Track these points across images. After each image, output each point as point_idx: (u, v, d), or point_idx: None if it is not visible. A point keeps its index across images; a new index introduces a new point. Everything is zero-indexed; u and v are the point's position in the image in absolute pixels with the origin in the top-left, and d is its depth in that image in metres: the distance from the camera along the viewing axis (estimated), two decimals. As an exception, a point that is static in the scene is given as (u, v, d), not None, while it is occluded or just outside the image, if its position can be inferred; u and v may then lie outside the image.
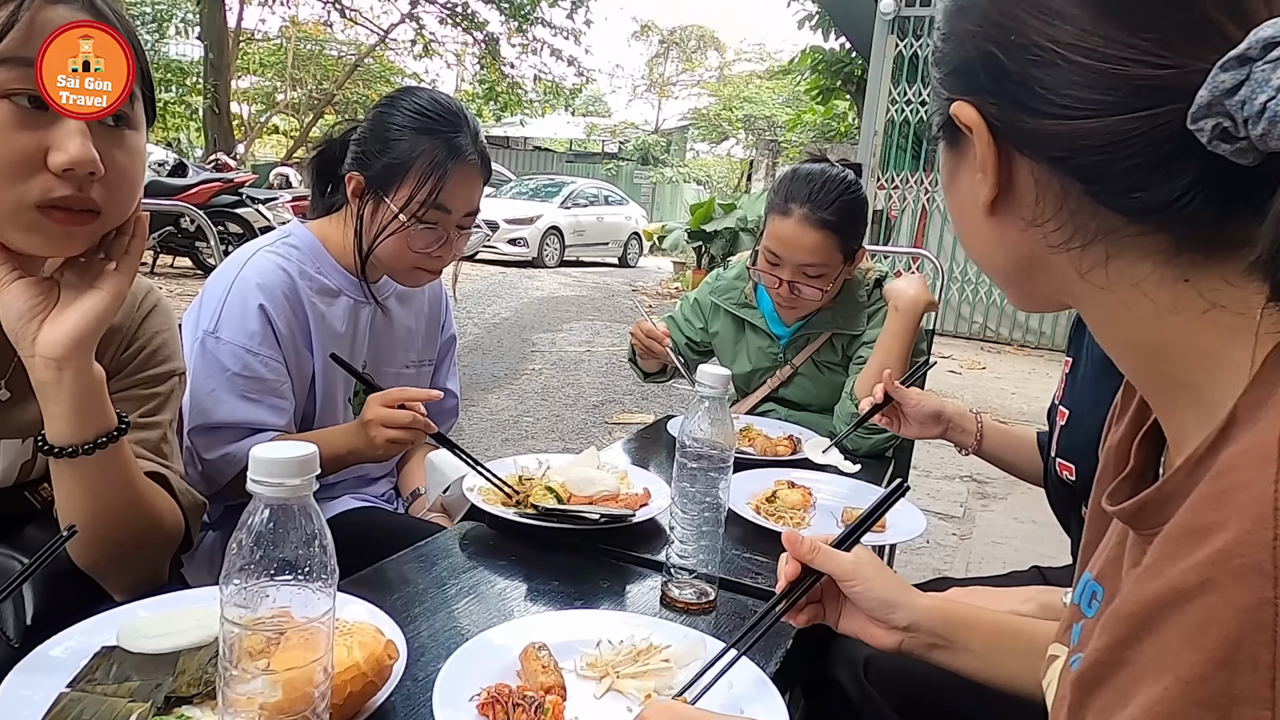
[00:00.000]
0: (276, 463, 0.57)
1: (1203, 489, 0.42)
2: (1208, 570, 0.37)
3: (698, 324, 2.07)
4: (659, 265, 14.64)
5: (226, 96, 16.07)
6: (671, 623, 0.95)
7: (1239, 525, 0.37)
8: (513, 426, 4.57)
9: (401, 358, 1.55)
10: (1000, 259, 0.58)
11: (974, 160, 0.54)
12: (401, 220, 1.32)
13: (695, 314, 2.08)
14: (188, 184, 7.89)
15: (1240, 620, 0.35)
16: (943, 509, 3.60)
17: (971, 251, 0.61)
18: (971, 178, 0.55)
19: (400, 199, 1.31)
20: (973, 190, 0.55)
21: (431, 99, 1.37)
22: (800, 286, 1.77)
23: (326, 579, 0.60)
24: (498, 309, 8.38)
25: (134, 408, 0.97)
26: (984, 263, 0.60)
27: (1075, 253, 0.52)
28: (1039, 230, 0.53)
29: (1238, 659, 0.35)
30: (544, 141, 26.52)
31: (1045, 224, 0.52)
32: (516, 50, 19.04)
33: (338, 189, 1.42)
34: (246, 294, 1.28)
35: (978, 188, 0.55)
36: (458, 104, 1.39)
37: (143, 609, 0.85)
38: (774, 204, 1.79)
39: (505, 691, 0.75)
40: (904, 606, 0.82)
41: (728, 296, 2.02)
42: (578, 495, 1.26)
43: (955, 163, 0.58)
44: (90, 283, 0.83)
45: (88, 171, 0.77)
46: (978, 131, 0.52)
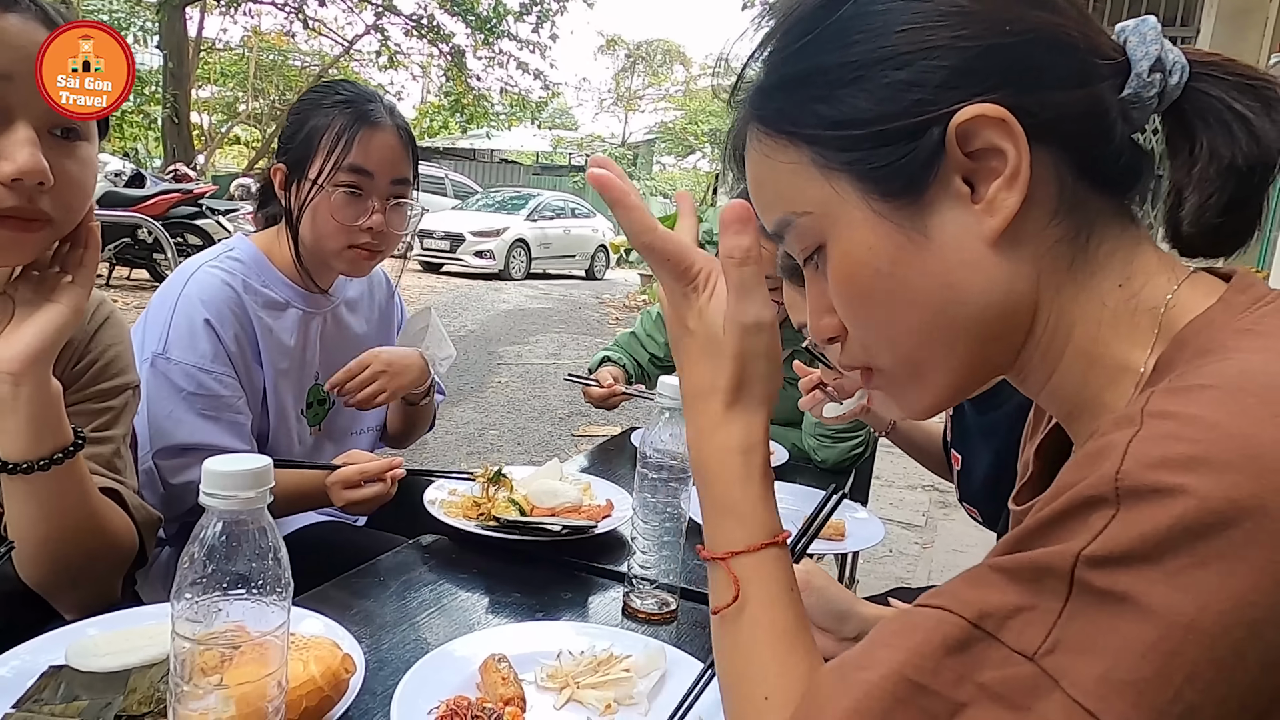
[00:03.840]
0: (230, 475, 0.57)
1: (1073, 462, 0.44)
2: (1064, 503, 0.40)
3: (660, 338, 2.06)
4: (626, 278, 14.67)
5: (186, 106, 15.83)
6: (633, 633, 0.96)
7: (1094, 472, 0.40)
8: (478, 439, 4.54)
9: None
10: (981, 307, 0.51)
11: (955, 194, 0.50)
12: (322, 187, 1.30)
13: (659, 329, 2.07)
14: (145, 195, 7.74)
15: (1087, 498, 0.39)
16: (905, 518, 3.65)
17: (932, 326, 0.52)
18: (961, 215, 0.50)
19: (316, 167, 1.31)
20: (966, 228, 0.50)
21: (345, 83, 1.40)
22: None
23: (281, 592, 0.60)
24: (463, 321, 8.33)
25: (86, 422, 0.95)
26: (951, 332, 0.52)
27: (1066, 250, 0.51)
28: (1051, 232, 0.51)
29: None
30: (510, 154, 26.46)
31: (1058, 225, 0.51)
32: (482, 63, 19.04)
33: (276, 201, 1.41)
34: (192, 312, 1.27)
35: (977, 220, 0.50)
36: (372, 90, 1.41)
37: (93, 627, 0.83)
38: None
39: (464, 704, 0.75)
40: (853, 617, 0.84)
41: None
42: (540, 507, 1.26)
43: (920, 214, 0.50)
44: (46, 296, 0.82)
45: (36, 182, 0.76)
46: (1010, 130, 0.48)
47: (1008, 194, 0.49)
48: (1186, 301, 0.50)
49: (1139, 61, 0.51)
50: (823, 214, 0.53)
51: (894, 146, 0.50)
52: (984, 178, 0.50)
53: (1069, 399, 0.54)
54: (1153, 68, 0.51)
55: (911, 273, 0.51)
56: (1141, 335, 0.50)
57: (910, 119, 0.49)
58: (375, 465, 1.27)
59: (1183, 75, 0.52)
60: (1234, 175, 0.51)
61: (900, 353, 0.55)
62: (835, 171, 0.52)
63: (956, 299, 0.51)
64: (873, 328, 0.55)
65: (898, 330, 0.54)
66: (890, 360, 0.56)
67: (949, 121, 0.48)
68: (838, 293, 0.55)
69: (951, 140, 0.49)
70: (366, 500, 1.26)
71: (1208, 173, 0.51)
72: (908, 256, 0.51)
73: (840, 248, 0.54)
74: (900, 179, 0.50)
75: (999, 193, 0.49)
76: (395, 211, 1.36)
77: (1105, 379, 0.51)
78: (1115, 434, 0.40)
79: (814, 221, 0.54)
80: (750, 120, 0.56)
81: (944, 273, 0.51)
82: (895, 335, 0.54)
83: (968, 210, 0.50)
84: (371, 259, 1.37)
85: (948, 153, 0.49)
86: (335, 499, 1.27)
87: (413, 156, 1.39)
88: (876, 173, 0.51)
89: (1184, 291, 0.50)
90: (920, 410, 0.58)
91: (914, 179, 0.50)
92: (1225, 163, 0.51)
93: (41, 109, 0.76)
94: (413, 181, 1.39)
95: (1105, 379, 0.51)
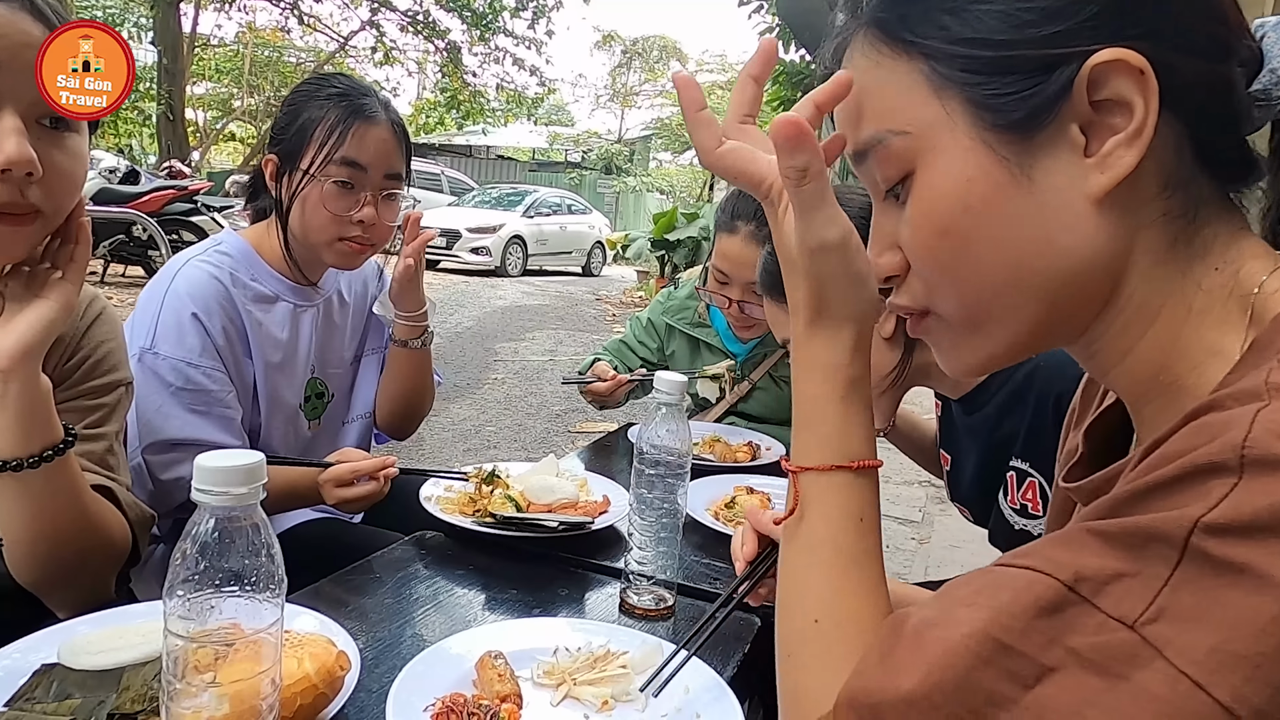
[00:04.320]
0: (222, 471, 0.56)
1: (1174, 441, 0.41)
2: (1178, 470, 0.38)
3: (652, 344, 2.05)
4: (622, 274, 14.65)
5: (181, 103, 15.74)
6: (630, 629, 0.95)
7: (1227, 434, 0.37)
8: (475, 436, 4.54)
9: (349, 355, 1.55)
10: (1066, 267, 0.49)
11: (1069, 142, 0.47)
12: (313, 177, 1.29)
13: (649, 335, 2.06)
14: (140, 191, 7.70)
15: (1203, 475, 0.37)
16: (902, 514, 3.65)
17: (1009, 277, 0.49)
18: (1071, 165, 0.47)
19: (308, 159, 1.30)
20: (1072, 180, 0.47)
21: (340, 77, 1.39)
22: (750, 306, 1.76)
23: (274, 589, 0.59)
24: (460, 318, 8.31)
25: (78, 419, 0.95)
26: (1028, 287, 0.50)
27: (1169, 229, 0.48)
28: (1158, 205, 0.48)
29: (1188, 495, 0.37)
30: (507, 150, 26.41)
31: (1167, 199, 0.48)
32: (478, 59, 18.96)
33: (266, 193, 1.40)
34: (179, 307, 1.26)
35: (1085, 174, 0.47)
36: (367, 83, 1.41)
37: (85, 624, 0.83)
38: (721, 222, 1.79)
39: (460, 701, 0.75)
40: None
41: (680, 316, 2.01)
42: (536, 503, 1.26)
43: (1030, 155, 0.48)
44: (36, 292, 0.81)
45: (25, 172, 0.75)
46: (1145, 83, 0.45)
47: (1125, 151, 0.46)
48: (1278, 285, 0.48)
49: (1275, 58, 0.48)
50: (922, 136, 0.50)
51: (1021, 76, 0.47)
52: (1101, 132, 0.47)
53: (1144, 380, 0.51)
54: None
55: (1003, 215, 0.49)
56: (1234, 320, 0.48)
57: (1045, 49, 0.46)
58: (368, 464, 1.26)
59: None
60: None
61: (966, 300, 0.52)
62: (950, 92, 0.49)
63: (1042, 253, 0.48)
64: (944, 269, 0.51)
65: (970, 274, 0.50)
66: (953, 306, 0.53)
67: (1084, 60, 0.45)
68: (917, 225, 0.52)
69: (1082, 82, 0.46)
70: (359, 499, 1.26)
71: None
72: (1004, 197, 0.48)
73: (933, 177, 0.50)
74: (1020, 111, 0.47)
75: (1116, 148, 0.46)
76: (387, 204, 1.36)
77: (1189, 363, 0.49)
78: (1237, 408, 0.39)
79: (909, 143, 0.51)
80: (865, 25, 0.53)
81: (1037, 222, 0.48)
82: (966, 279, 0.51)
83: (1078, 161, 0.47)
84: (362, 252, 1.36)
85: (1073, 95, 0.46)
86: (327, 497, 1.26)
87: (406, 152, 1.39)
88: (995, 100, 0.48)
89: (1277, 279, 0.48)
90: (971, 366, 0.55)
91: (1033, 115, 0.47)
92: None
93: (29, 98, 0.75)
94: (405, 177, 1.39)
95: (1189, 363, 0.49)
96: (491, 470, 1.32)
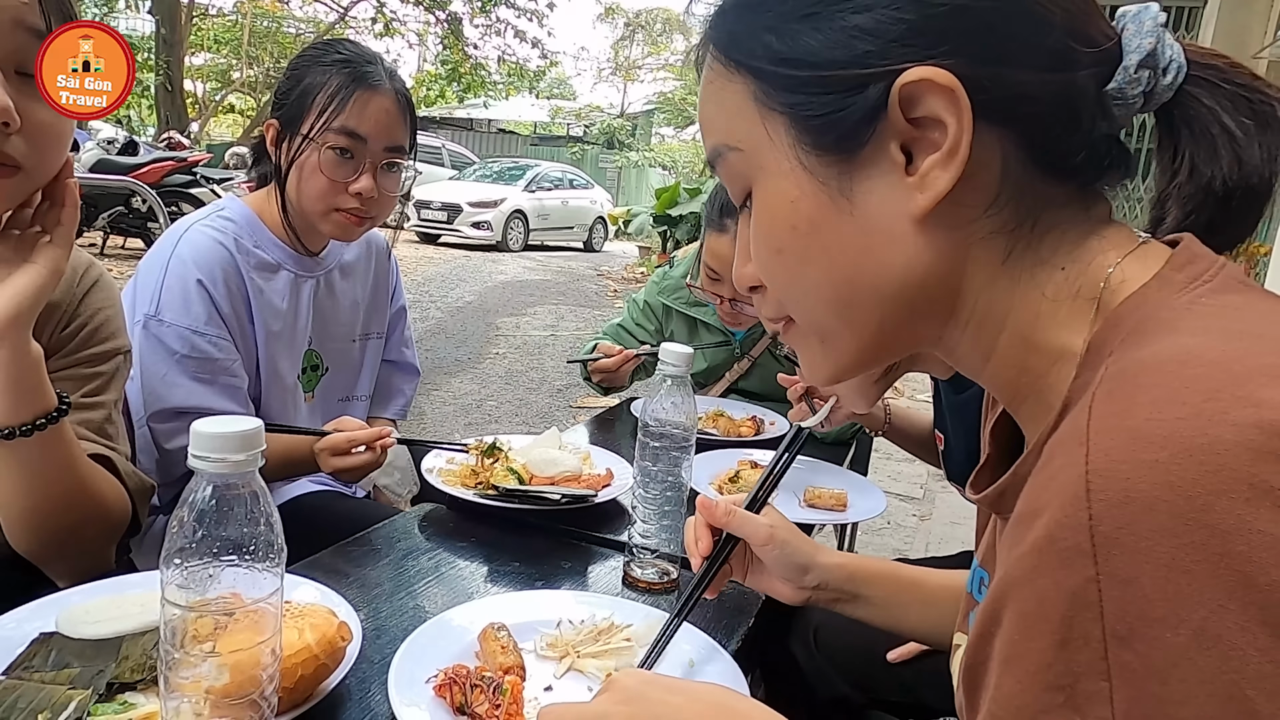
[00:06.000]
0: (218, 437, 0.55)
1: (1034, 476, 0.41)
2: (1035, 558, 0.37)
3: (650, 327, 2.01)
4: (624, 250, 14.59)
5: (180, 73, 15.59)
6: (633, 602, 0.95)
7: (1058, 508, 0.36)
8: (476, 410, 4.53)
9: (347, 331, 1.52)
10: (897, 284, 0.48)
11: (889, 161, 0.46)
12: (311, 141, 1.26)
13: (647, 317, 2.02)
14: (139, 162, 7.64)
15: (1069, 601, 0.35)
16: (903, 490, 3.65)
17: (843, 294, 0.49)
18: (891, 185, 0.47)
19: (308, 124, 1.27)
20: (892, 201, 0.47)
21: (346, 43, 1.35)
22: (743, 305, 1.69)
23: (274, 558, 0.58)
24: (461, 292, 8.29)
25: (76, 387, 0.93)
26: (862, 303, 0.49)
27: (1004, 241, 0.48)
28: (986, 223, 0.47)
29: (1072, 638, 0.35)
30: (508, 124, 26.19)
31: (994, 215, 0.47)
32: (480, 31, 18.75)
33: (268, 159, 1.37)
34: (184, 273, 1.24)
35: (906, 193, 0.46)
36: (373, 51, 1.36)
37: (84, 594, 0.82)
38: (710, 219, 1.68)
39: (463, 672, 0.74)
40: (816, 568, 0.83)
41: (677, 296, 1.97)
42: (539, 476, 1.25)
43: (849, 176, 0.47)
44: (24, 257, 0.79)
45: (2, 121, 0.73)
46: (956, 101, 0.44)
47: (941, 172, 0.45)
48: (1129, 274, 0.46)
49: (1129, 54, 0.47)
50: (753, 154, 0.50)
51: (835, 96, 0.46)
52: (923, 149, 0.46)
53: (1010, 383, 0.51)
54: (1143, 63, 0.46)
55: (829, 236, 0.49)
56: (1081, 317, 0.47)
57: (856, 69, 0.45)
58: (365, 433, 1.25)
59: (1177, 76, 0.47)
60: (1211, 198, 0.47)
61: (810, 313, 0.52)
62: (773, 112, 0.48)
63: (871, 272, 0.48)
64: (782, 285, 0.52)
65: (808, 289, 0.51)
66: (801, 318, 0.54)
67: (894, 80, 0.44)
68: (756, 242, 0.52)
69: (894, 101, 0.45)
70: (355, 468, 1.25)
71: (1185, 189, 0.48)
72: (828, 219, 0.48)
73: (765, 195, 0.51)
74: (834, 133, 0.47)
75: (933, 169, 0.45)
76: (387, 176, 1.32)
77: (1046, 363, 0.48)
78: (1065, 461, 0.37)
79: (743, 160, 0.51)
80: (708, 40, 0.53)
81: (862, 243, 0.48)
82: (805, 294, 0.51)
83: (899, 181, 0.46)
84: (360, 224, 1.33)
85: (888, 115, 0.45)
86: (323, 465, 1.25)
87: (411, 123, 1.35)
88: (811, 122, 0.47)
89: (1128, 264, 0.47)
90: (828, 374, 0.55)
91: (848, 135, 0.46)
92: (1203, 181, 0.47)
93: (9, 47, 0.73)
94: (409, 150, 1.35)
95: (1046, 363, 0.48)
96: (493, 443, 1.31)
